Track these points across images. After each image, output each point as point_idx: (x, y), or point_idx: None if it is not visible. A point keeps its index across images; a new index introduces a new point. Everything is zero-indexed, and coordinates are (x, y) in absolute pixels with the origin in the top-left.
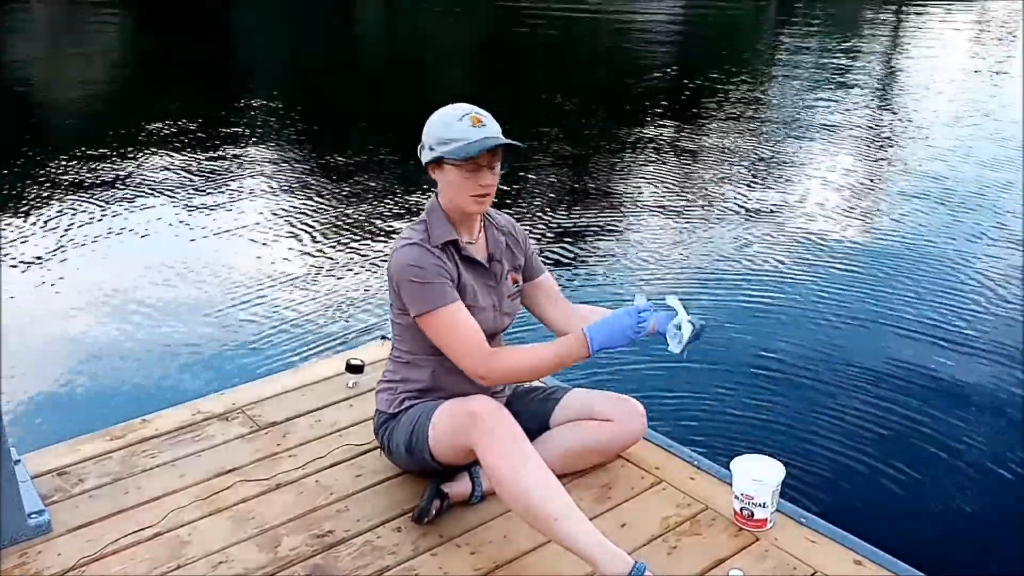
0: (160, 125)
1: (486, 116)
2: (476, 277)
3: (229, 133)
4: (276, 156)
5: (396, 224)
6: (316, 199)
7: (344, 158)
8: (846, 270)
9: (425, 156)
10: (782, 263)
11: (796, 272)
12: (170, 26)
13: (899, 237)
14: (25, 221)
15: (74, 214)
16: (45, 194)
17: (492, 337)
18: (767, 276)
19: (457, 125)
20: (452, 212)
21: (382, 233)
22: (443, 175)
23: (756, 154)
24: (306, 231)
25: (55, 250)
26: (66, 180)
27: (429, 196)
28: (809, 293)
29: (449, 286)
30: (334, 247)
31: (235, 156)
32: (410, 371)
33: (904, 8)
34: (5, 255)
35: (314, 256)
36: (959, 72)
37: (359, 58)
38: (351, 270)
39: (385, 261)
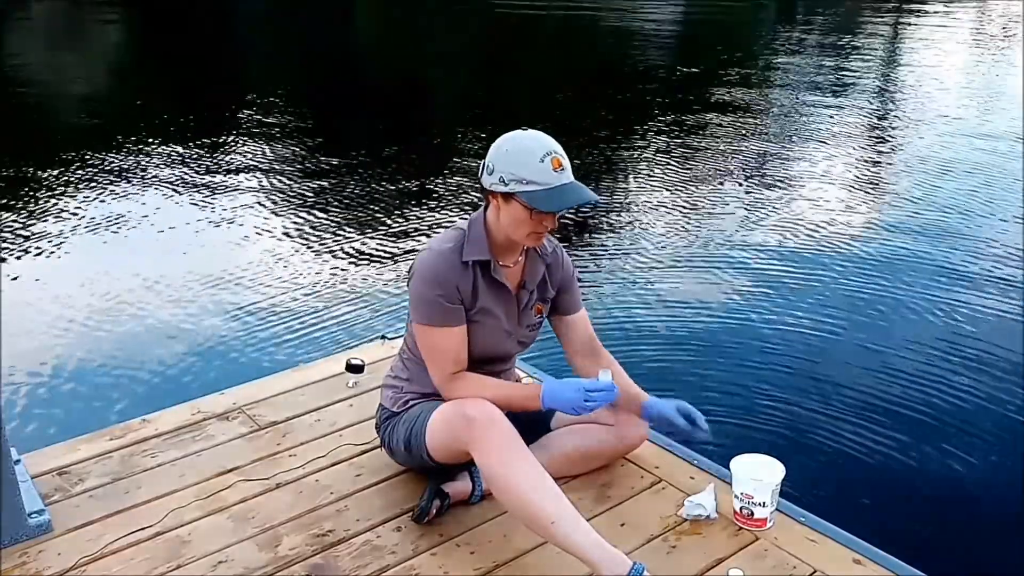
0: (159, 126)
1: (563, 156)
2: (498, 300)
3: (230, 133)
4: (277, 156)
5: (397, 224)
6: (317, 199)
7: (345, 158)
8: (847, 268)
9: (493, 184)
10: (781, 261)
11: (796, 270)
12: (170, 26)
13: (901, 235)
14: (24, 221)
15: (73, 214)
16: (43, 195)
17: (503, 360)
18: (766, 274)
19: (539, 166)
20: (497, 235)
21: (384, 233)
22: (508, 207)
23: (756, 154)
24: (307, 231)
25: (54, 250)
26: (65, 181)
27: (429, 193)
28: (809, 291)
29: (456, 310)
30: (335, 247)
31: (235, 155)
32: (418, 372)
33: (904, 8)
34: (4, 255)
35: (315, 256)
36: (959, 69)
37: (358, 55)
38: (352, 270)
39: (387, 261)
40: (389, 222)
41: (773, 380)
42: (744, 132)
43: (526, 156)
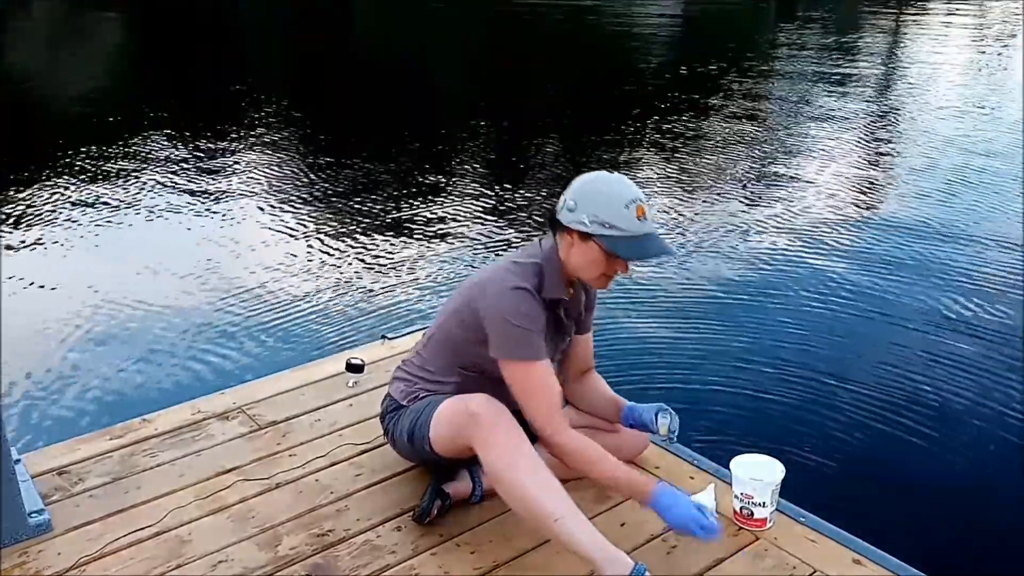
0: (159, 126)
1: (647, 204)
2: (552, 328)
3: (231, 132)
4: (277, 155)
5: (399, 224)
6: (318, 198)
7: (346, 157)
8: (846, 267)
9: (573, 223)
10: (781, 260)
11: (795, 269)
12: (171, 25)
13: (901, 233)
14: (25, 221)
15: (72, 214)
16: (42, 194)
17: None
18: (766, 274)
19: (624, 213)
20: (568, 272)
21: (384, 233)
22: (584, 247)
23: (758, 150)
24: (308, 231)
25: (55, 250)
26: (64, 180)
27: (431, 193)
28: (809, 290)
29: (544, 342)
30: (336, 246)
31: (236, 155)
32: (433, 375)
33: (904, 7)
34: (5, 254)
35: (315, 256)
36: (959, 68)
37: (358, 53)
38: (353, 270)
39: (388, 261)
40: (391, 222)
41: (773, 380)
42: (744, 130)
43: (612, 200)
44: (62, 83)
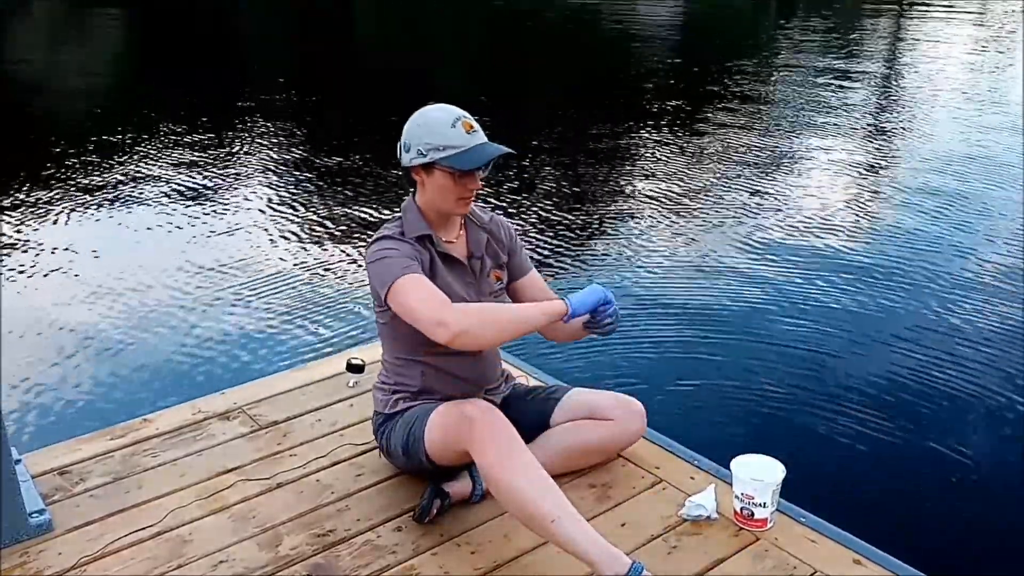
0: (158, 126)
1: (472, 119)
2: (454, 274)
3: (230, 132)
4: (277, 155)
5: None
6: (318, 198)
7: (347, 157)
8: (846, 267)
9: (414, 159)
10: (781, 261)
11: (796, 269)
12: (171, 25)
13: (901, 235)
14: (25, 222)
15: (73, 215)
16: (44, 195)
17: None
18: (766, 274)
19: (451, 132)
20: (430, 212)
21: None
22: (431, 179)
23: (756, 154)
24: (308, 230)
25: (54, 251)
26: (65, 181)
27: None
28: (809, 290)
29: (414, 263)
30: (336, 246)
31: (235, 155)
32: (400, 375)
33: (905, 7)
34: (5, 255)
35: (315, 255)
36: (960, 68)
37: (358, 54)
38: (353, 269)
39: None
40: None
41: (774, 380)
42: (745, 130)
43: (438, 125)
44: (62, 83)
